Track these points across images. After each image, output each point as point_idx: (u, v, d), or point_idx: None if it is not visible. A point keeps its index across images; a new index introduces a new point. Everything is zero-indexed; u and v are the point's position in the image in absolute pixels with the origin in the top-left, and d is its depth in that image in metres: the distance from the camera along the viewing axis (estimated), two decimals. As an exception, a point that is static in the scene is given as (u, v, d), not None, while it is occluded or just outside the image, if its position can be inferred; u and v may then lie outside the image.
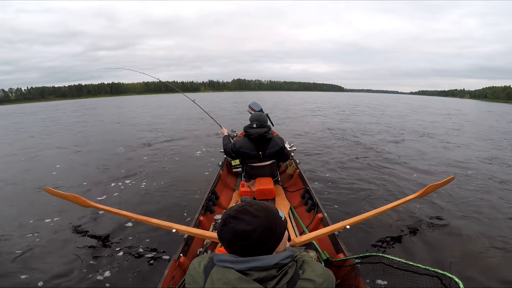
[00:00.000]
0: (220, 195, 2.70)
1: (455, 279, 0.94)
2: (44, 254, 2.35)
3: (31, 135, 9.87)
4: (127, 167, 4.96)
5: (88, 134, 9.37)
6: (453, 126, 11.51)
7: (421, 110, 21.23)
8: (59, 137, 9.04)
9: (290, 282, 0.74)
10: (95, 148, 6.97)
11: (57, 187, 3.46)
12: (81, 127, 11.77)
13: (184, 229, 1.69)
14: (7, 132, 11.40)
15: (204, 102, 23.68)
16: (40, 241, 2.57)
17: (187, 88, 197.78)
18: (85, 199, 2.39)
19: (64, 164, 5.39)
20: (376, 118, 14.01)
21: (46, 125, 13.18)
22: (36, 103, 79.26)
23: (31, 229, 2.78)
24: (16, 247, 2.45)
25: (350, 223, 1.69)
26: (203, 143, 7.15)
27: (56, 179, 4.46)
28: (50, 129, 11.28)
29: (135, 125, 11.52)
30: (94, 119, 15.65)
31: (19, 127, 13.19)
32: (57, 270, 2.13)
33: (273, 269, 0.74)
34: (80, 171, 4.87)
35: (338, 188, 3.81)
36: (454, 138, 8.15)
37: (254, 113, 2.90)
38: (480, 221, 2.91)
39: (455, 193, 3.61)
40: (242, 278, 0.72)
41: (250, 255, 0.74)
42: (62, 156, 6.24)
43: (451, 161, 5.35)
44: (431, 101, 46.67)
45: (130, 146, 6.92)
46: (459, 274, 1.50)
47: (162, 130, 9.60)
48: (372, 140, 7.54)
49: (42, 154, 6.45)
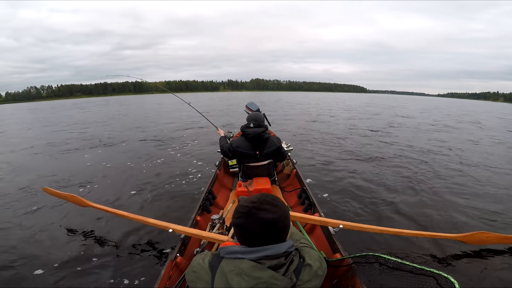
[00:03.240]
0: (217, 195, 2.69)
1: (451, 279, 0.95)
2: (39, 253, 2.33)
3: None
4: (128, 166, 4.93)
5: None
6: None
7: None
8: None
9: (296, 269, 0.79)
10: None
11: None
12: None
13: (180, 229, 1.69)
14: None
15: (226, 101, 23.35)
16: (36, 239, 2.55)
17: (206, 87, 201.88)
18: (83, 199, 2.39)
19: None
20: (383, 119, 13.75)
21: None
22: (67, 100, 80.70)
23: (29, 227, 2.77)
24: (12, 243, 2.42)
25: (345, 225, 1.71)
26: (201, 142, 7.13)
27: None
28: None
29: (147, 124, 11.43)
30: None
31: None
32: (52, 269, 2.11)
33: (282, 257, 0.77)
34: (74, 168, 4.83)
35: (335, 188, 3.83)
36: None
37: (251, 112, 2.90)
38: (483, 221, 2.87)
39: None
40: (256, 267, 0.74)
41: (271, 243, 0.77)
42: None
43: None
44: (465, 105, 41.07)
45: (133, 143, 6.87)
46: (455, 274, 1.51)
47: (163, 129, 9.55)
48: (373, 140, 7.59)
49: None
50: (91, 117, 15.91)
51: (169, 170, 4.69)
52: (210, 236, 1.59)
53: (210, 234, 1.63)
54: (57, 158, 5.92)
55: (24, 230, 2.75)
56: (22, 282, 2.01)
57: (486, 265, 2.19)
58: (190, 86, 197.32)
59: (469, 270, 2.12)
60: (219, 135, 3.21)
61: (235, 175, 3.27)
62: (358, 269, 1.32)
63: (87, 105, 33.58)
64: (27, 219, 2.98)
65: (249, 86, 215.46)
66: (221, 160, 3.44)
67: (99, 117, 15.43)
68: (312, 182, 4.03)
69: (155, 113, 16.89)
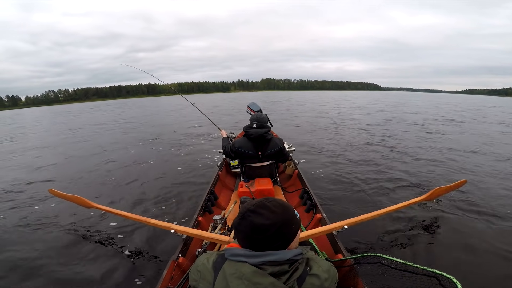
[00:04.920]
0: (219, 196, 2.69)
1: (453, 279, 0.94)
2: (41, 253, 2.36)
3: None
4: (130, 167, 4.96)
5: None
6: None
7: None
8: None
9: (300, 278, 0.77)
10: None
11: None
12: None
13: (182, 229, 1.69)
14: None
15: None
16: (38, 239, 2.58)
17: (218, 88, 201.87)
18: (87, 200, 2.41)
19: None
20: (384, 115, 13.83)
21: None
22: (90, 103, 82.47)
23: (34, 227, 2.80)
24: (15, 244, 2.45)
25: (348, 223, 1.68)
26: (203, 143, 7.15)
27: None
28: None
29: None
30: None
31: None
32: (55, 269, 2.13)
33: (285, 265, 0.76)
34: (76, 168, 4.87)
35: (337, 189, 3.81)
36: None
37: (254, 113, 2.90)
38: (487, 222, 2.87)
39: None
40: (257, 272, 0.73)
41: (264, 249, 0.76)
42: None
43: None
44: (483, 101, 39.85)
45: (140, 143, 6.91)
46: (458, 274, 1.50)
47: (167, 131, 9.59)
48: (374, 140, 7.55)
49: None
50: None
51: (171, 170, 4.71)
52: (212, 237, 1.59)
53: (212, 234, 1.63)
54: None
55: (27, 229, 2.78)
56: (22, 282, 2.02)
57: (488, 265, 2.18)
58: (202, 87, 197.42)
59: (472, 270, 2.11)
60: (221, 135, 3.22)
61: (237, 175, 3.27)
62: (361, 270, 1.31)
63: (105, 107, 33.60)
64: (32, 218, 3.01)
65: (260, 86, 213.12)
66: (223, 161, 3.44)
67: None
68: (314, 177, 4.00)
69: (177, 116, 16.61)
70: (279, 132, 4.90)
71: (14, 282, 2.02)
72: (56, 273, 2.09)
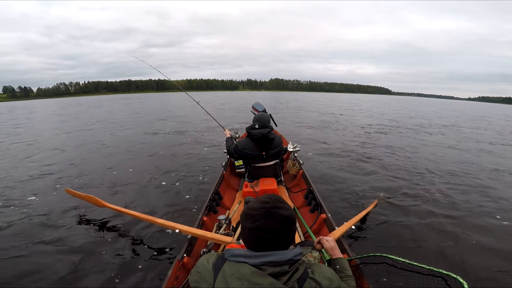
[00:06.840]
0: (224, 196, 2.71)
1: (460, 279, 0.93)
2: (49, 252, 2.39)
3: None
4: (132, 166, 5.00)
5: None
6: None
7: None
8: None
9: (300, 279, 0.76)
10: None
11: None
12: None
13: (187, 229, 1.71)
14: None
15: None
16: (51, 237, 2.61)
17: (226, 86, 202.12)
18: (100, 200, 2.49)
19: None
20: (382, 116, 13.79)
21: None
22: (102, 96, 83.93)
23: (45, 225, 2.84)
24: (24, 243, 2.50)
25: (355, 222, 1.71)
26: (207, 143, 7.17)
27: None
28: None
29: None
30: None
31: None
32: (58, 267, 2.15)
33: (286, 265, 0.75)
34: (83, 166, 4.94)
35: (342, 189, 3.79)
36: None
37: (257, 113, 2.91)
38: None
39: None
40: (257, 273, 0.72)
41: (277, 247, 0.76)
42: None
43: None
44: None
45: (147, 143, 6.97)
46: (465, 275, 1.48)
47: (172, 128, 9.66)
48: (375, 140, 7.48)
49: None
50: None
51: (174, 170, 4.73)
52: (215, 238, 1.61)
53: (215, 235, 1.65)
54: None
55: (44, 227, 2.82)
56: (22, 280, 2.04)
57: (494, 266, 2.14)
58: (211, 84, 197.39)
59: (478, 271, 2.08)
60: (225, 135, 3.23)
61: (242, 175, 3.28)
62: (366, 270, 1.30)
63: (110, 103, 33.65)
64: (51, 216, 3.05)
65: (268, 85, 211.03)
66: (228, 161, 3.45)
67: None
68: (315, 178, 3.98)
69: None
70: (283, 133, 4.90)
71: (15, 282, 2.04)
72: (57, 272, 2.11)
